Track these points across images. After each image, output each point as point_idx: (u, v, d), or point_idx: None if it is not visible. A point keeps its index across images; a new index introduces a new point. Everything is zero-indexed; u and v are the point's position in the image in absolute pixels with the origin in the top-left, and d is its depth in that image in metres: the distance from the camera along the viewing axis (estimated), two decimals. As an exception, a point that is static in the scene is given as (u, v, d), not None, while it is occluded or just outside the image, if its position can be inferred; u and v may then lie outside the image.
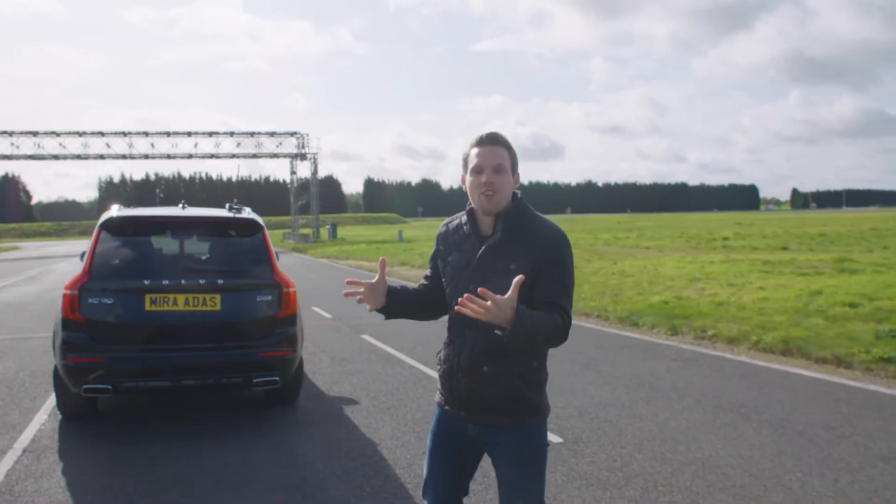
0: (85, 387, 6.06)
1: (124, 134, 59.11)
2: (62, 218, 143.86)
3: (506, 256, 2.77)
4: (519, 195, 2.89)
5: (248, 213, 6.96)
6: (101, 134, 58.67)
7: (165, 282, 6.15)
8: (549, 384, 2.96)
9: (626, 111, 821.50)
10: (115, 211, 6.70)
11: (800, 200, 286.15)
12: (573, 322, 2.85)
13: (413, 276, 23.70)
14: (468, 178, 2.86)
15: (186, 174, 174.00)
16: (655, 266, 22.07)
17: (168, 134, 59.92)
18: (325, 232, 64.20)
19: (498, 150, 2.82)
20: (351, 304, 16.91)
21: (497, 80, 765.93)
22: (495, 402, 2.82)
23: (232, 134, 61.68)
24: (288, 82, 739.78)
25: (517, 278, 2.55)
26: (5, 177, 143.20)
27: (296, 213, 67.19)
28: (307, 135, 62.47)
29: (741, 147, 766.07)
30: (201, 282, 6.23)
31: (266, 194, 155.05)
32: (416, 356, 9.80)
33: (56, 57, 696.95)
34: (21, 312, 15.59)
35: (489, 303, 2.47)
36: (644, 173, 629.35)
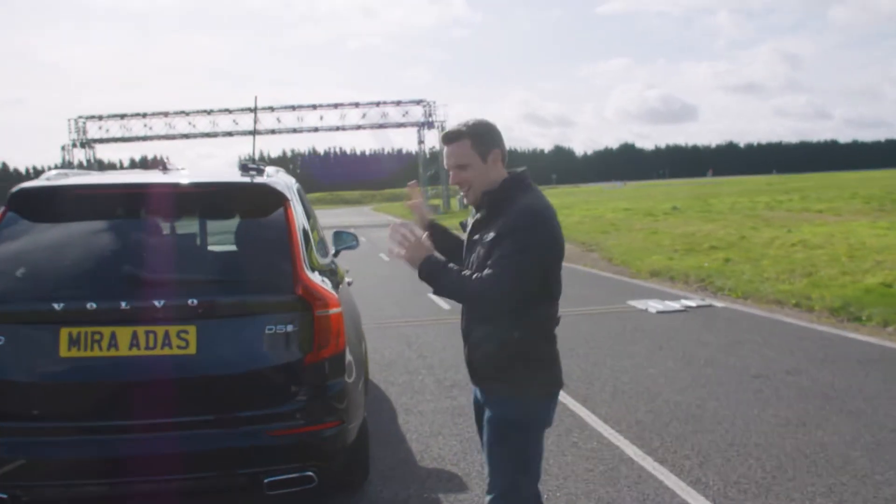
0: None
1: (250, 110, 58.42)
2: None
3: (484, 230, 2.89)
4: (507, 177, 2.95)
5: (268, 176, 4.08)
6: (229, 111, 58.32)
7: (92, 305, 3.37)
8: (782, 443, 3.31)
9: (759, 68, 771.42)
10: (43, 179, 3.98)
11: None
12: (772, 316, 4.84)
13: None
14: None
15: (321, 149, 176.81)
16: (845, 234, 18.04)
17: (293, 107, 59.05)
18: (455, 202, 61.71)
19: (454, 148, 2.91)
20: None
21: (620, 42, 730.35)
22: (480, 366, 2.95)
23: (357, 105, 60.19)
24: (407, 56, 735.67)
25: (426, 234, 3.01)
26: (154, 159, 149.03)
27: (425, 184, 65.09)
28: (433, 102, 60.19)
29: (893, 99, 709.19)
30: (158, 303, 3.41)
31: (396, 166, 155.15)
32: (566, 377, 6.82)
33: (195, 44, 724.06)
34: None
35: (413, 238, 2.87)
36: (784, 132, 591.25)
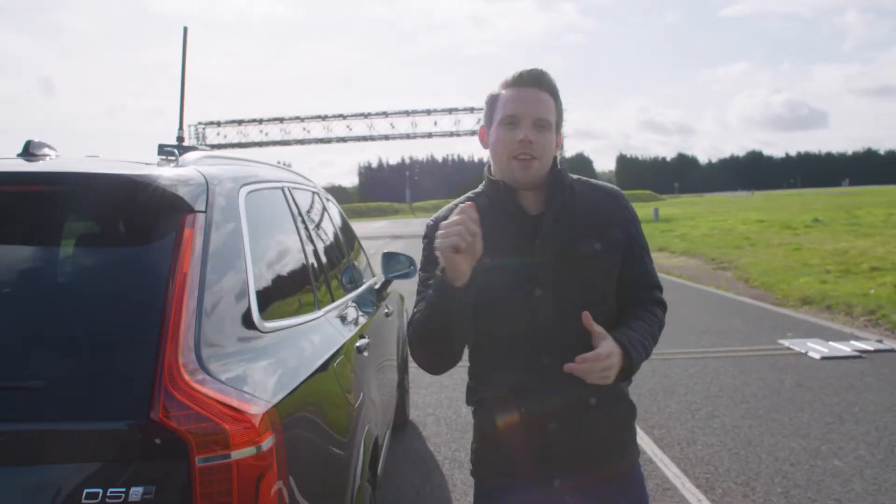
0: None
1: (365, 115, 58.06)
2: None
3: (582, 234, 1.95)
4: (558, 160, 2.01)
5: (179, 166, 2.19)
6: (343, 116, 58.02)
7: None
8: None
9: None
10: None
11: None
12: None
13: (676, 265, 18.24)
14: (494, 132, 1.96)
15: (439, 157, 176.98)
16: None
17: (407, 113, 58.15)
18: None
19: (542, 96, 1.92)
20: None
21: (742, 45, 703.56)
22: (609, 442, 2.00)
23: (472, 110, 58.72)
24: (520, 63, 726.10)
25: (591, 324, 1.83)
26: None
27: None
28: (550, 107, 58.06)
29: None
30: None
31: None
32: (711, 464, 4.78)
33: (319, 54, 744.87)
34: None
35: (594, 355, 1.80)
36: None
